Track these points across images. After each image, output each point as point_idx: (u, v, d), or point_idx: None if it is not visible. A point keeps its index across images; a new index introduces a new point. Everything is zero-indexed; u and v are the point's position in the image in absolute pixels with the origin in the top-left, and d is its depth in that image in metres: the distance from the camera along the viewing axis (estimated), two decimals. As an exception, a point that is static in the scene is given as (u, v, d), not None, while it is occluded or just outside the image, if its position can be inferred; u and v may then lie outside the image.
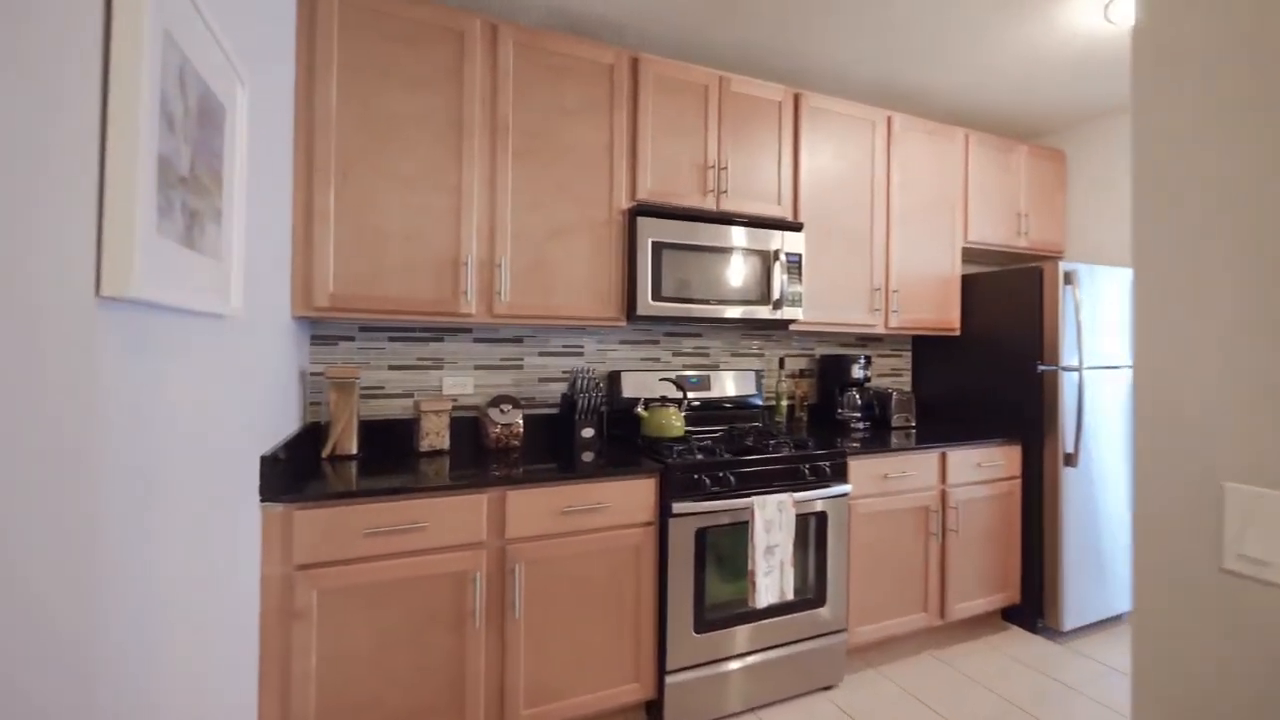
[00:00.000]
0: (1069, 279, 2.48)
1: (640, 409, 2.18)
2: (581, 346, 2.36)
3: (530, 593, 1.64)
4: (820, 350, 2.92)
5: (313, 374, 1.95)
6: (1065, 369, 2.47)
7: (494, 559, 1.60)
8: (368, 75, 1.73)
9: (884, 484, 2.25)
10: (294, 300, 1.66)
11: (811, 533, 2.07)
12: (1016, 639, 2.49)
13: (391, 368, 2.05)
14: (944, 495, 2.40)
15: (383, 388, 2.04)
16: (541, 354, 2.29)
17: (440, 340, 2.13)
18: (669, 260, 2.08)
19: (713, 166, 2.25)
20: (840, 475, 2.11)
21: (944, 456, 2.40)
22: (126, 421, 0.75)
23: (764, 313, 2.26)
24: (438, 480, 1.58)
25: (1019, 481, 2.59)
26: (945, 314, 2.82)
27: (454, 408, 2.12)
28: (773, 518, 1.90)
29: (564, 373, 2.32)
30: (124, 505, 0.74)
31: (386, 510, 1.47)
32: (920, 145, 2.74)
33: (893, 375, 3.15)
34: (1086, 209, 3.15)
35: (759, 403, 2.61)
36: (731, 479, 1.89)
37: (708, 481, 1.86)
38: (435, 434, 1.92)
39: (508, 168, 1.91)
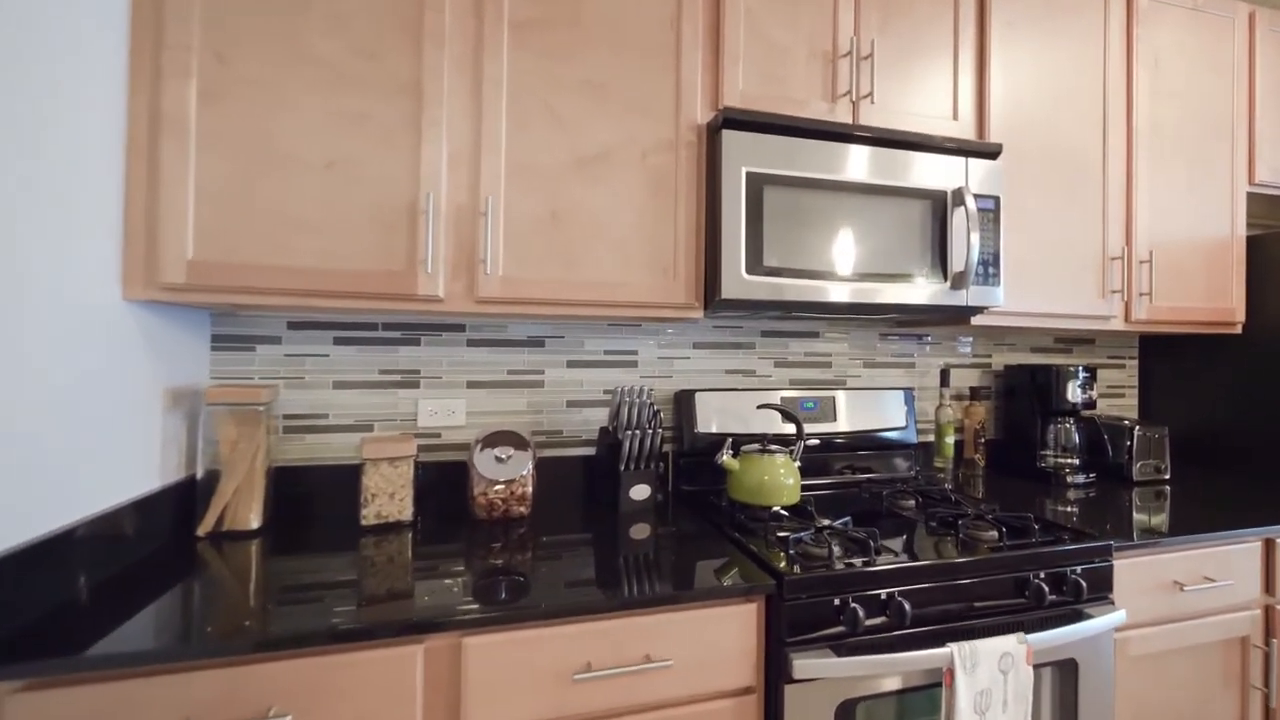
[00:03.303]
0: None
1: (726, 455, 1.33)
2: (634, 353, 1.55)
3: (511, 841, 0.83)
4: (999, 358, 1.92)
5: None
6: None
7: (439, 774, 0.81)
8: (258, -112, 1.02)
9: (1172, 600, 1.24)
10: (126, 273, 0.97)
11: (1049, 695, 1.11)
12: None
13: (339, 385, 1.33)
14: (1270, 616, 1.34)
15: (325, 416, 1.32)
16: (571, 364, 1.49)
17: (416, 344, 1.39)
18: (775, 205, 1.22)
19: (847, 54, 1.36)
20: (1101, 589, 1.14)
21: (1270, 547, 1.35)
22: None
23: (934, 294, 1.34)
24: (318, 619, 0.81)
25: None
26: (1219, 299, 1.74)
27: (426, 449, 1.37)
28: (990, 685, 0.98)
29: (606, 393, 1.52)
30: None
31: (205, 685, 0.72)
32: (1178, 30, 1.70)
33: (1110, 395, 2.08)
34: None
35: (911, 439, 1.67)
36: (905, 605, 0.99)
37: (859, 611, 0.97)
38: (388, 496, 1.17)
39: (502, 52, 1.14)
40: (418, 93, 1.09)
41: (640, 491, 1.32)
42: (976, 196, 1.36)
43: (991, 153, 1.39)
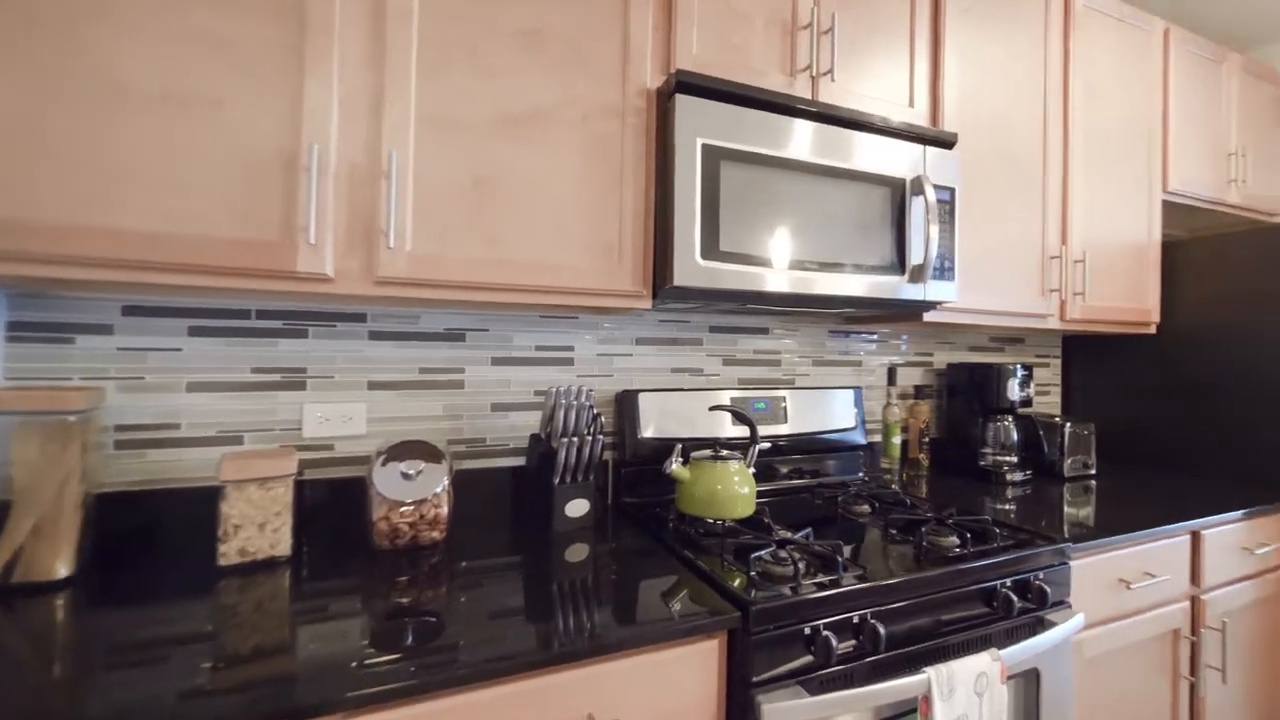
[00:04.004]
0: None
1: (675, 463, 1.18)
2: (570, 349, 1.37)
3: None
4: (940, 356, 1.91)
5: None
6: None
7: None
8: None
9: (1119, 597, 1.24)
10: None
11: (1012, 708, 1.05)
12: None
13: (195, 387, 1.06)
14: (1196, 607, 1.38)
15: (175, 426, 1.05)
16: (496, 361, 1.30)
17: (302, 336, 1.14)
18: (733, 184, 1.09)
19: (807, 26, 1.26)
20: (1060, 593, 1.10)
21: (1196, 539, 1.38)
22: None
23: (893, 287, 1.26)
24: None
25: (1302, 573, 1.56)
26: (1140, 300, 1.81)
27: (314, 465, 1.13)
28: (967, 709, 0.89)
29: (537, 395, 1.33)
30: None
31: None
32: (1106, 39, 1.74)
33: (1037, 393, 2.13)
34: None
35: (860, 440, 1.61)
36: (879, 628, 0.88)
37: (831, 639, 0.85)
38: (257, 527, 0.92)
39: (411, -23, 0.93)
40: (299, 16, 0.86)
41: (578, 507, 1.15)
42: (936, 188, 1.30)
43: (948, 142, 1.34)
